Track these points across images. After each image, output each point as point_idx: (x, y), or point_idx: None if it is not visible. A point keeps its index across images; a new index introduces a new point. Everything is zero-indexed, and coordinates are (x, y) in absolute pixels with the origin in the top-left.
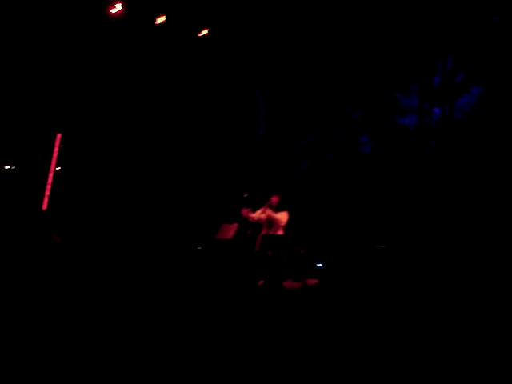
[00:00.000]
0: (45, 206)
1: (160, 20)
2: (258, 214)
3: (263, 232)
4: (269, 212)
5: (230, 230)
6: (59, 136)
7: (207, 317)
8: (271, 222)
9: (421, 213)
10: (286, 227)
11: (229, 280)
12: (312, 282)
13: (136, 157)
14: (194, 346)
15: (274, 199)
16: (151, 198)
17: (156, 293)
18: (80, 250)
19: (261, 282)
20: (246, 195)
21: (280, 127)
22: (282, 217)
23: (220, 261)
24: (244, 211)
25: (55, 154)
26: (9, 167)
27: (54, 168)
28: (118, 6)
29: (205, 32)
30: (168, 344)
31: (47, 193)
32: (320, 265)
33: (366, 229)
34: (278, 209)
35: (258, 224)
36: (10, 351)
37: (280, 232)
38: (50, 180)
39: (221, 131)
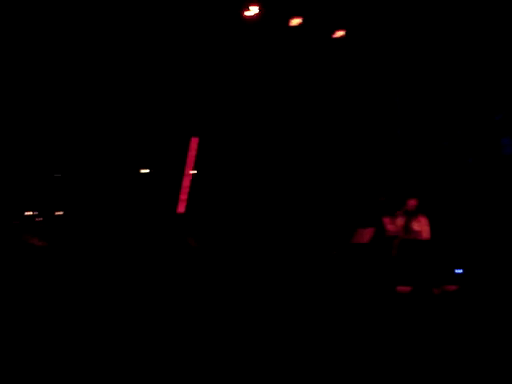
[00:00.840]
0: (181, 210)
1: (295, 22)
2: (394, 218)
3: (400, 236)
4: (406, 216)
5: (366, 235)
6: (195, 140)
7: (347, 319)
8: (408, 226)
9: None
10: (424, 232)
11: (366, 285)
12: (452, 288)
13: (271, 161)
14: (337, 349)
15: (412, 203)
16: (288, 202)
17: (293, 296)
18: (214, 253)
19: (400, 287)
20: (382, 199)
21: (418, 128)
22: (420, 221)
23: (356, 265)
24: (380, 215)
25: (191, 158)
26: (146, 171)
27: (190, 172)
28: (254, 9)
29: (341, 33)
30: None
31: (183, 196)
32: (460, 271)
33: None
34: (415, 213)
35: (395, 228)
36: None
37: (418, 237)
38: (186, 184)
39: (358, 134)
